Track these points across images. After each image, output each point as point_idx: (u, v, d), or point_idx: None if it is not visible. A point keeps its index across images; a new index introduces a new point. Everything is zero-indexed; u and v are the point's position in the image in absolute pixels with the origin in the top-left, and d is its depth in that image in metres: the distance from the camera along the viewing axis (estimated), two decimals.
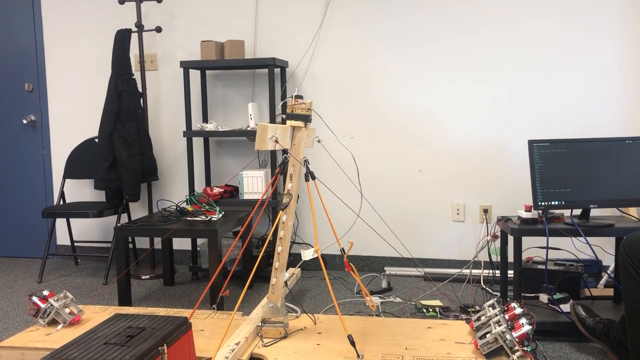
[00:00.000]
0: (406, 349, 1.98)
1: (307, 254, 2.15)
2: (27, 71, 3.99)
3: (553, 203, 2.40)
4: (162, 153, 3.81)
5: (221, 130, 3.35)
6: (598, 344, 2.20)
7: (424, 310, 2.73)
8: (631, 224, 2.39)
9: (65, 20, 3.88)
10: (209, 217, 2.94)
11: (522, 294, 2.50)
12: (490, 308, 2.02)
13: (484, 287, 3.09)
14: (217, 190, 3.32)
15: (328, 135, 3.50)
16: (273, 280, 2.12)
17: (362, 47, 3.45)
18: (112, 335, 1.70)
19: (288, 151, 2.09)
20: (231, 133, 3.32)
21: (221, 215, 3.00)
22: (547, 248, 2.50)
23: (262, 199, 3.10)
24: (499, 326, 1.88)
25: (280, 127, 2.02)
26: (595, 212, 2.97)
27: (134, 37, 3.69)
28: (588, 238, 2.33)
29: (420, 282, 3.27)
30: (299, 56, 3.54)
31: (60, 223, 3.98)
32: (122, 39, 3.44)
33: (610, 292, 2.71)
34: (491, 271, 3.05)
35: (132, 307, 2.72)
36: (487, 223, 3.32)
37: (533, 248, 3.09)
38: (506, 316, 1.91)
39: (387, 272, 3.31)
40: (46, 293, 2.31)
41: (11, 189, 4.10)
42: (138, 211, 3.86)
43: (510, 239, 2.57)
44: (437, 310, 2.70)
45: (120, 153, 3.39)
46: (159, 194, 3.84)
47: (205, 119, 3.61)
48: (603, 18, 3.11)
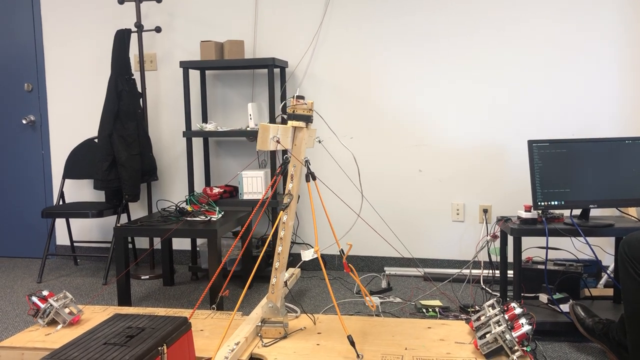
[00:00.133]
0: (406, 349, 1.98)
1: (307, 255, 2.15)
2: (27, 71, 3.99)
3: (553, 203, 2.40)
4: (162, 153, 3.81)
5: (221, 130, 3.35)
6: (597, 344, 2.20)
7: (424, 310, 2.73)
8: (631, 224, 2.39)
9: (64, 20, 3.88)
10: (209, 217, 2.94)
11: (522, 294, 2.50)
12: (490, 308, 2.02)
13: (484, 287, 3.09)
14: (217, 190, 3.32)
15: (328, 135, 3.50)
16: (273, 280, 2.12)
17: (362, 47, 3.45)
18: (112, 335, 1.70)
19: (289, 151, 2.09)
20: (231, 133, 3.32)
21: (221, 215, 3.00)
22: (547, 248, 2.50)
23: (263, 200, 3.10)
24: (499, 326, 1.88)
25: (281, 128, 2.02)
26: (594, 212, 2.98)
27: (134, 37, 3.68)
28: (588, 238, 2.33)
29: (420, 282, 3.28)
30: (299, 56, 3.54)
31: (59, 223, 3.98)
32: (122, 39, 3.44)
33: (610, 292, 2.71)
34: (491, 271, 3.05)
35: (132, 307, 2.72)
36: (487, 223, 3.32)
37: (533, 248, 3.10)
38: (506, 316, 1.91)
39: (387, 272, 3.31)
40: (46, 293, 2.31)
41: (11, 189, 4.09)
42: (138, 211, 3.86)
43: (510, 239, 2.57)
44: (437, 310, 2.70)
45: (119, 153, 3.39)
46: (159, 194, 3.84)
47: (204, 119, 3.61)
48: (603, 18, 3.11)
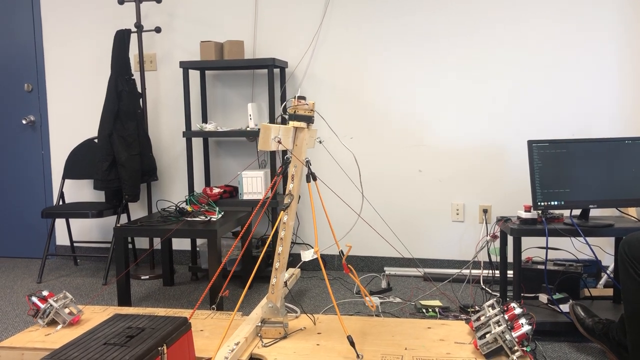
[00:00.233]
0: (406, 349, 1.98)
1: (307, 255, 2.15)
2: (27, 71, 3.99)
3: (552, 203, 2.40)
4: (162, 153, 3.81)
5: (220, 130, 3.35)
6: (597, 344, 2.20)
7: (424, 310, 2.73)
8: (630, 224, 2.40)
9: (64, 20, 3.88)
10: (209, 218, 2.94)
11: (522, 294, 2.50)
12: (489, 308, 2.02)
13: (484, 287, 3.09)
14: (217, 190, 3.32)
15: (328, 135, 3.50)
16: (273, 280, 2.12)
17: (362, 47, 3.45)
18: (112, 335, 1.70)
19: (290, 152, 2.09)
20: (231, 133, 3.32)
21: (221, 215, 3.00)
22: (547, 248, 2.50)
23: (264, 200, 3.10)
24: (499, 326, 1.88)
25: (283, 128, 2.02)
26: (594, 212, 2.98)
27: (134, 38, 3.68)
28: (587, 238, 2.33)
29: (419, 282, 3.28)
30: (299, 56, 3.54)
31: (59, 223, 3.98)
32: (122, 39, 3.44)
33: (609, 292, 2.71)
34: (491, 271, 3.05)
35: (132, 308, 2.72)
36: (487, 223, 3.32)
37: (532, 248, 3.10)
38: (506, 316, 1.91)
39: (387, 273, 3.31)
40: (45, 293, 2.31)
41: (11, 189, 4.09)
42: (137, 211, 3.86)
43: (509, 239, 2.57)
44: (437, 310, 2.70)
45: (119, 153, 3.39)
46: (159, 194, 3.84)
47: (204, 119, 3.61)
48: (603, 18, 3.11)
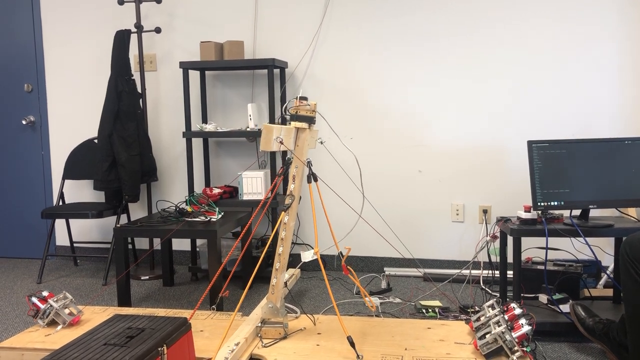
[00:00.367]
0: (406, 350, 1.98)
1: (307, 256, 2.15)
2: (27, 72, 3.98)
3: (552, 203, 2.40)
4: (162, 154, 3.81)
5: (220, 130, 3.35)
6: (597, 344, 2.20)
7: (424, 310, 2.73)
8: (630, 225, 2.40)
9: (64, 20, 3.88)
10: (209, 218, 2.94)
11: (522, 295, 2.50)
12: (489, 308, 2.02)
13: (484, 288, 3.09)
14: (217, 190, 3.32)
15: (328, 136, 3.49)
16: (273, 281, 2.12)
17: (362, 47, 3.45)
18: (112, 336, 1.70)
19: (292, 152, 2.08)
20: (230, 134, 3.32)
21: (220, 216, 3.00)
22: (547, 248, 2.50)
23: (265, 201, 3.10)
24: (499, 326, 1.88)
25: (285, 129, 2.02)
26: (594, 213, 2.98)
27: (134, 38, 3.68)
28: (587, 238, 2.33)
29: (419, 283, 3.28)
30: (299, 56, 3.54)
31: (59, 224, 3.98)
32: (122, 40, 3.44)
33: (609, 293, 2.71)
34: (490, 272, 3.05)
35: (132, 308, 2.72)
36: (487, 223, 3.32)
37: (532, 248, 3.09)
38: (506, 316, 1.91)
39: (387, 273, 3.31)
40: (45, 294, 2.31)
41: (11, 190, 4.09)
42: (137, 212, 3.86)
43: (509, 240, 2.57)
44: (437, 310, 2.70)
45: (119, 154, 3.39)
46: (159, 195, 3.84)
47: (204, 120, 3.61)
48: (602, 18, 3.11)
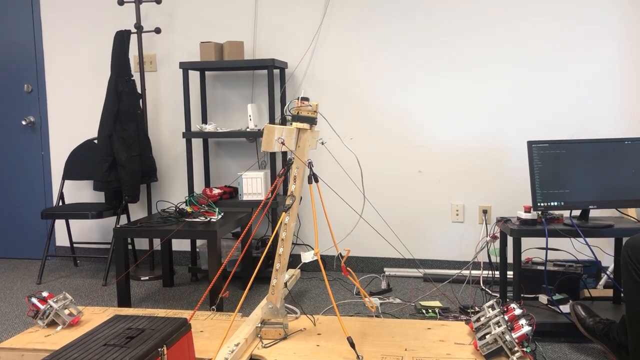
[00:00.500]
0: (406, 350, 1.98)
1: (307, 257, 2.15)
2: (27, 72, 3.98)
3: (552, 204, 2.40)
4: (162, 154, 3.81)
5: (220, 131, 3.35)
6: (598, 345, 2.20)
7: (424, 311, 2.73)
8: (630, 225, 2.40)
9: (64, 21, 3.88)
10: (209, 219, 2.94)
11: (522, 295, 2.50)
12: (489, 309, 2.02)
13: (484, 288, 3.09)
14: (217, 191, 3.32)
15: (328, 136, 3.49)
16: (273, 281, 2.12)
17: (362, 47, 3.45)
18: (112, 336, 1.70)
19: (293, 153, 2.08)
20: (230, 134, 3.32)
21: (220, 216, 3.00)
22: (547, 249, 2.50)
23: (265, 201, 3.10)
24: (499, 327, 1.88)
25: (286, 129, 2.02)
26: (594, 213, 2.98)
27: (133, 38, 3.68)
28: (587, 239, 2.33)
29: (419, 283, 3.27)
30: (299, 57, 3.54)
31: (59, 224, 3.98)
32: (122, 40, 3.44)
33: (609, 293, 2.71)
34: (490, 272, 3.05)
35: (132, 309, 2.71)
36: (487, 224, 3.32)
37: (532, 249, 3.09)
38: (506, 317, 1.91)
39: (387, 273, 3.31)
40: (45, 294, 2.31)
41: (10, 190, 4.09)
42: (137, 212, 3.86)
43: (509, 240, 2.57)
44: (437, 311, 2.70)
45: (119, 154, 3.39)
46: (158, 195, 3.83)
47: (204, 120, 3.61)
48: (603, 18, 3.11)
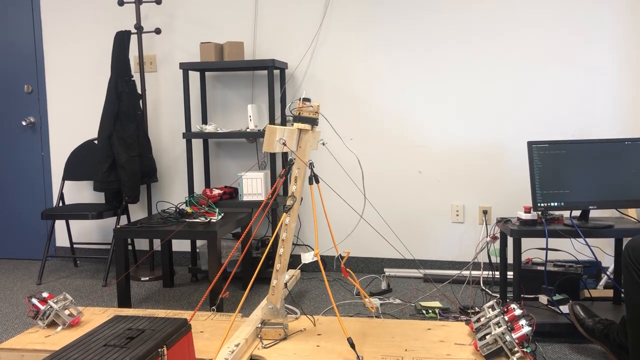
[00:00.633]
0: (406, 351, 1.98)
1: (307, 257, 2.15)
2: (27, 73, 3.99)
3: (552, 204, 2.40)
4: (162, 154, 3.81)
5: (220, 131, 3.35)
6: (597, 345, 2.20)
7: (424, 311, 2.73)
8: (630, 225, 2.40)
9: (64, 21, 3.88)
10: (209, 219, 2.94)
11: (522, 295, 2.50)
12: (489, 309, 2.02)
13: (484, 289, 3.09)
14: (217, 191, 3.32)
15: (329, 137, 3.49)
16: (274, 282, 2.12)
17: (362, 48, 3.45)
18: (112, 337, 1.70)
19: (294, 154, 2.09)
20: (230, 134, 3.32)
21: (221, 216, 3.00)
22: (547, 249, 2.50)
23: (266, 203, 3.10)
24: (499, 327, 1.88)
25: (287, 130, 2.03)
26: (594, 213, 2.98)
27: (134, 39, 3.69)
28: (587, 239, 2.33)
29: (419, 284, 3.27)
30: (299, 57, 3.54)
31: (59, 225, 3.97)
32: (122, 41, 3.44)
33: (609, 294, 2.71)
34: (491, 272, 3.05)
35: (132, 309, 2.72)
36: (487, 224, 3.32)
37: (532, 249, 3.09)
38: (506, 317, 1.91)
39: (387, 274, 3.31)
40: (45, 295, 2.31)
41: (10, 191, 4.09)
42: (137, 213, 3.86)
43: (509, 240, 2.57)
44: (437, 311, 2.70)
45: (119, 155, 3.39)
46: (159, 196, 3.83)
47: (204, 121, 3.61)
48: (602, 19, 3.11)
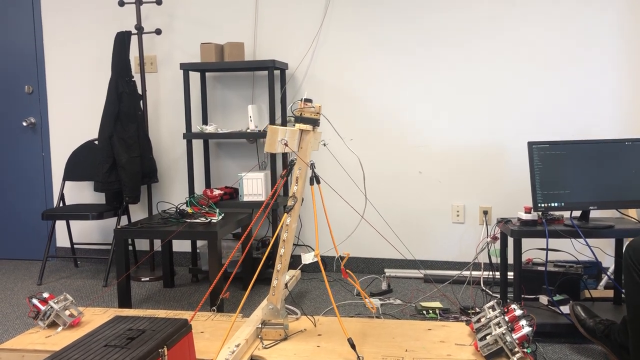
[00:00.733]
0: (406, 351, 1.98)
1: (307, 258, 2.15)
2: (27, 73, 3.99)
3: (553, 204, 2.40)
4: (162, 155, 3.82)
5: (221, 132, 3.36)
6: (598, 346, 2.20)
7: (424, 312, 2.73)
8: (631, 226, 2.40)
9: (65, 22, 3.89)
10: (209, 219, 2.94)
11: (522, 296, 2.50)
12: (490, 310, 2.02)
13: (484, 289, 3.09)
14: (217, 192, 3.32)
15: (329, 137, 3.49)
16: (274, 282, 2.12)
17: (362, 49, 3.45)
18: (112, 337, 1.70)
19: (296, 154, 2.09)
20: (231, 135, 3.32)
21: (221, 217, 3.00)
22: (547, 249, 2.50)
23: (266, 204, 3.10)
24: (499, 328, 1.88)
25: (289, 130, 2.03)
26: (594, 214, 2.98)
27: (134, 39, 3.69)
28: (588, 239, 2.33)
29: (420, 284, 3.27)
30: (299, 58, 3.54)
31: (60, 225, 3.98)
32: (122, 41, 3.44)
33: (610, 294, 2.71)
34: (491, 273, 3.05)
35: (132, 310, 2.72)
36: (487, 225, 3.32)
37: (533, 249, 3.09)
38: (506, 318, 1.91)
39: (387, 274, 3.31)
40: (46, 295, 2.30)
41: (11, 191, 4.09)
42: (138, 213, 3.86)
43: (510, 241, 2.57)
44: (437, 312, 2.70)
45: (120, 155, 3.40)
46: (159, 196, 3.84)
47: (205, 121, 3.61)
48: (602, 19, 3.11)
